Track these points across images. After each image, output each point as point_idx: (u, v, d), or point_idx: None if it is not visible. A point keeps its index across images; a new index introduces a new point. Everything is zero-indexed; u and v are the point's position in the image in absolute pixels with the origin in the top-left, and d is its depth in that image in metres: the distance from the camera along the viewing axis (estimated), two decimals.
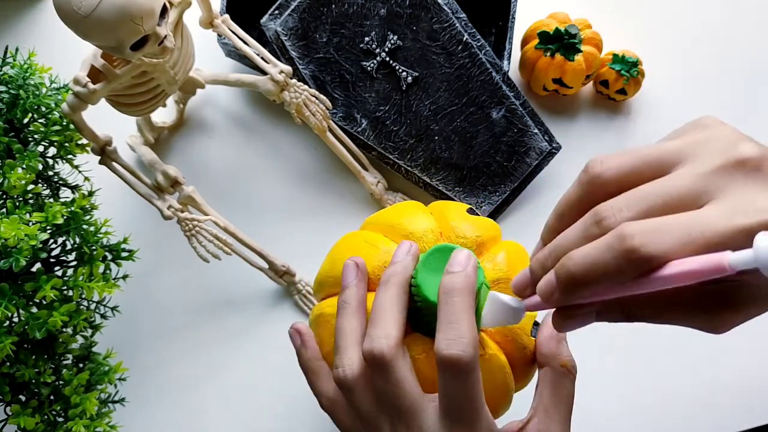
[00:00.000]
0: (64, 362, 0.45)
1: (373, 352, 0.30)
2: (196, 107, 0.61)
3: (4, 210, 0.41)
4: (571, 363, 0.35)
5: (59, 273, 0.44)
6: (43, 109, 0.44)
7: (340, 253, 0.39)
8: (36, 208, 0.41)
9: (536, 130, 0.58)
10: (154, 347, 0.54)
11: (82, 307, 0.45)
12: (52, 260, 0.44)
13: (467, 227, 0.38)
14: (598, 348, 0.56)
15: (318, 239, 0.58)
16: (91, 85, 0.41)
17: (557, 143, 0.59)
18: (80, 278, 0.42)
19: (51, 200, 0.45)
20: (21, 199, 0.42)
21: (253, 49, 0.51)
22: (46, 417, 0.43)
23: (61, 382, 0.43)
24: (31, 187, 0.42)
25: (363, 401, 0.32)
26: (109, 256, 0.45)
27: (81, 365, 0.46)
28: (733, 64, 0.65)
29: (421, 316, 0.34)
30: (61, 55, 0.51)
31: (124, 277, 0.47)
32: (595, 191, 0.27)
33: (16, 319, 0.41)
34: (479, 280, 0.32)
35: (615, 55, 0.59)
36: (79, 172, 0.47)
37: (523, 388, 0.38)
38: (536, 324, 0.36)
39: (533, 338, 0.36)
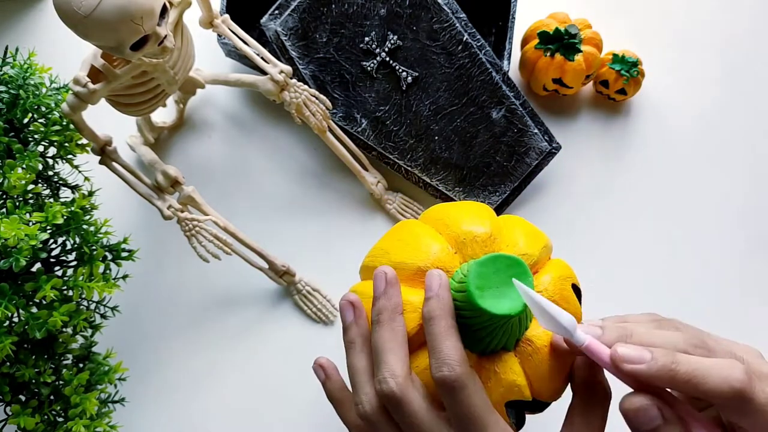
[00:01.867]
0: (64, 362, 0.45)
1: (384, 392, 0.32)
2: (196, 107, 0.61)
3: (4, 210, 0.41)
4: (604, 390, 0.34)
5: (59, 273, 0.44)
6: (43, 109, 0.44)
7: (386, 244, 0.38)
8: (36, 208, 0.41)
9: (536, 130, 0.58)
10: (154, 347, 0.54)
11: (82, 307, 0.45)
12: (52, 260, 0.44)
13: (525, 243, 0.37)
14: None
15: (318, 239, 0.58)
16: (91, 85, 0.41)
17: (557, 143, 0.59)
18: (80, 278, 0.42)
19: (51, 200, 0.45)
20: (21, 199, 0.42)
21: (253, 49, 0.51)
22: (46, 417, 0.43)
23: (61, 382, 0.43)
24: (31, 187, 0.42)
25: None
26: (109, 256, 0.45)
27: (81, 365, 0.46)
28: (732, 64, 0.65)
29: (472, 332, 0.33)
30: (61, 55, 0.51)
31: (124, 277, 0.47)
32: None
33: (16, 319, 0.41)
34: (519, 303, 0.31)
35: (615, 55, 0.59)
36: (79, 172, 0.47)
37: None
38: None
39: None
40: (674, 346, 0.30)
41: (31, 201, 0.43)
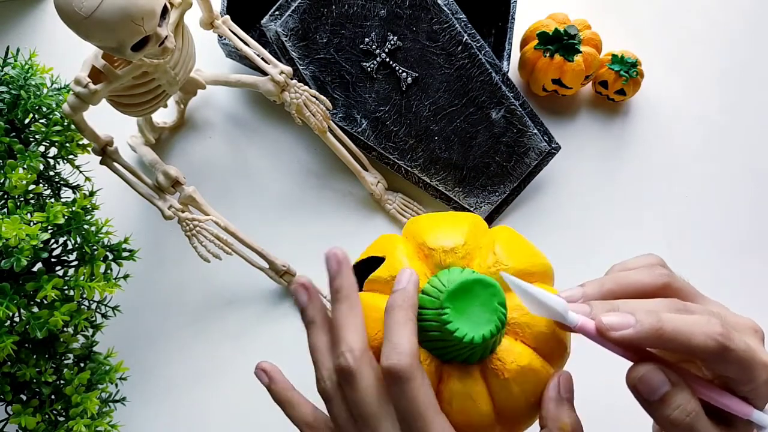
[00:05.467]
0: (65, 362, 0.45)
1: (341, 366, 0.32)
2: (197, 108, 0.61)
3: (6, 210, 0.41)
4: (570, 427, 0.33)
5: (60, 273, 0.44)
6: (44, 109, 0.44)
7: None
8: (37, 208, 0.41)
9: (535, 131, 0.58)
10: (155, 347, 0.55)
11: (83, 306, 0.45)
12: (53, 260, 0.45)
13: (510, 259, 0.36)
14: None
15: (318, 239, 0.58)
16: (92, 86, 0.41)
17: (556, 143, 0.59)
18: (81, 278, 0.42)
19: (52, 200, 0.46)
20: (22, 199, 0.42)
21: (253, 49, 0.51)
22: (47, 416, 0.43)
23: (62, 382, 0.43)
24: (32, 187, 0.42)
25: (341, 411, 0.34)
26: (110, 256, 0.45)
27: (82, 365, 0.46)
28: (732, 64, 0.65)
29: (436, 342, 0.33)
30: (62, 55, 0.51)
31: (125, 276, 0.47)
32: None
33: (17, 319, 0.41)
34: (495, 300, 0.31)
35: (614, 56, 0.60)
36: (80, 172, 0.47)
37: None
38: None
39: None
40: (661, 309, 0.30)
41: (32, 201, 0.43)
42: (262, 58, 0.51)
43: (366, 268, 0.38)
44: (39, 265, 0.43)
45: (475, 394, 0.33)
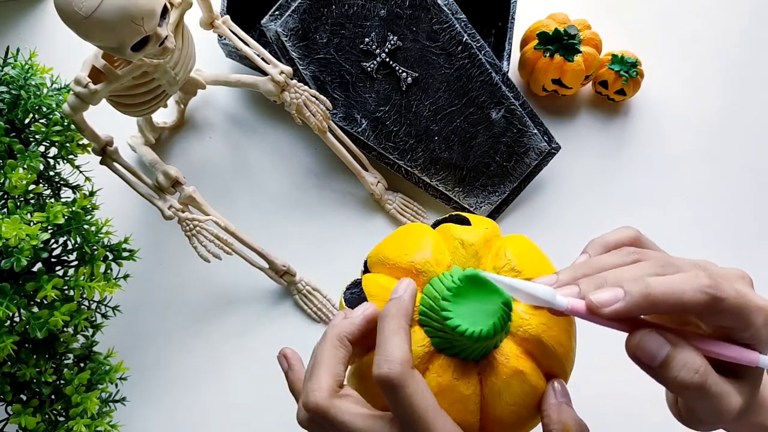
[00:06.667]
0: (65, 362, 0.45)
1: (308, 404, 0.32)
2: (197, 107, 0.61)
3: (6, 210, 0.42)
4: (575, 428, 0.33)
5: (60, 273, 0.44)
6: (44, 109, 0.44)
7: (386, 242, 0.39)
8: (37, 208, 0.41)
9: (535, 131, 0.58)
10: (155, 347, 0.55)
11: (83, 306, 0.45)
12: (53, 260, 0.45)
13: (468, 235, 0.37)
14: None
15: (318, 239, 0.58)
16: (92, 86, 0.41)
17: (556, 143, 0.59)
18: (81, 278, 0.42)
19: (52, 200, 0.46)
20: (22, 199, 0.42)
21: (253, 49, 0.51)
22: (47, 416, 0.43)
23: (62, 382, 0.43)
24: (32, 187, 0.42)
25: None
26: (110, 256, 0.45)
27: (82, 365, 0.46)
28: (731, 64, 0.65)
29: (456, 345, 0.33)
30: (62, 55, 0.51)
31: (125, 276, 0.47)
32: None
33: (17, 319, 0.42)
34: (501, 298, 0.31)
35: (614, 56, 0.60)
36: (80, 172, 0.47)
37: None
38: None
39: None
40: (647, 273, 0.30)
41: (32, 201, 0.43)
42: (262, 58, 0.51)
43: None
44: (39, 265, 0.43)
45: (517, 363, 0.34)
